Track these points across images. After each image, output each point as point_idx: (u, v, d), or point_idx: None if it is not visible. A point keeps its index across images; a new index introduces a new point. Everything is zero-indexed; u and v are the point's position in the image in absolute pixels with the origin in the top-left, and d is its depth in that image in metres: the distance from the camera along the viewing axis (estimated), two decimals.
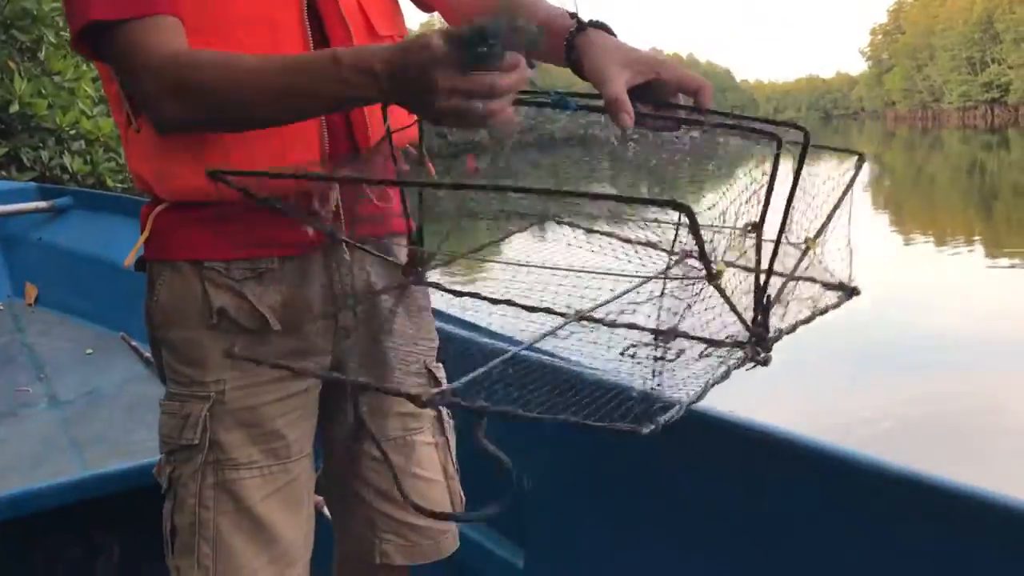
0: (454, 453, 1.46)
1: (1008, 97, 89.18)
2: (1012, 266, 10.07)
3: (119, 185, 7.73)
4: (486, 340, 1.35)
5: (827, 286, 1.00)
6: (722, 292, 0.79)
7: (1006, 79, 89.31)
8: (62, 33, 7.75)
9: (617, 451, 1.65)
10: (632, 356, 0.85)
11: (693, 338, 0.95)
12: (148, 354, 2.90)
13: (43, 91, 7.35)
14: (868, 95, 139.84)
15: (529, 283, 1.18)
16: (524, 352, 1.16)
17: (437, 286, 1.32)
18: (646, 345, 0.95)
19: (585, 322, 1.09)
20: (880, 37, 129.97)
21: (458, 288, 1.33)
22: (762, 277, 0.83)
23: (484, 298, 1.25)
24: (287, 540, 1.27)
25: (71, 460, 2.21)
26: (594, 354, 1.04)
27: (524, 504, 1.80)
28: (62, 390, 2.75)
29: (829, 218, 1.00)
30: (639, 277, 1.09)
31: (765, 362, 0.86)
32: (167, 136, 1.16)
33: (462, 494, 1.48)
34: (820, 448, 1.26)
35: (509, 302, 1.21)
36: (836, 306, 0.99)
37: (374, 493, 1.39)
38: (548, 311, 1.15)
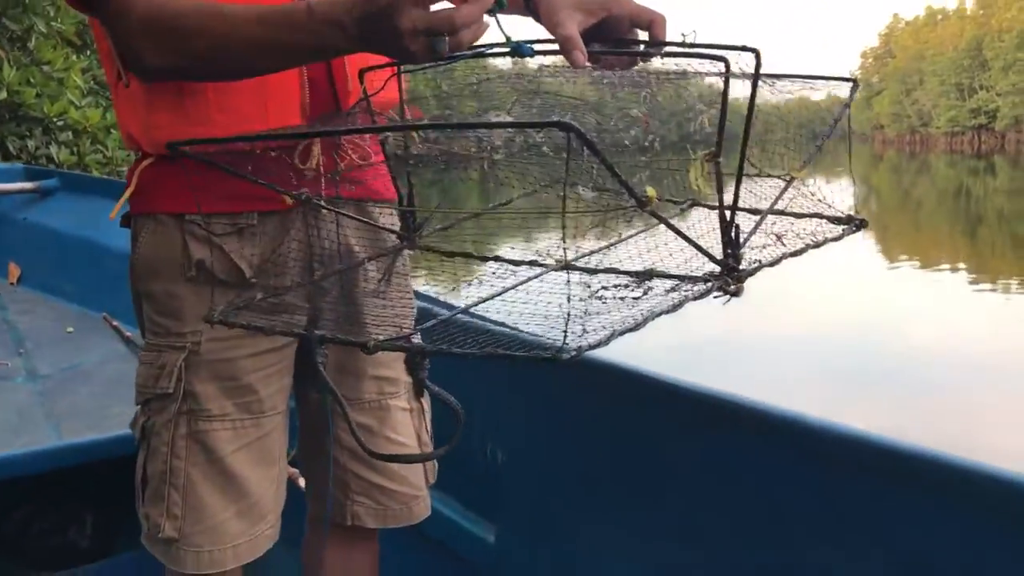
0: (429, 421, 1.47)
1: (995, 124, 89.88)
2: (993, 289, 10.16)
3: (105, 176, 7.70)
4: (445, 311, 1.38)
5: (832, 220, 0.96)
6: (660, 218, 0.78)
7: (994, 106, 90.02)
8: (53, 23, 7.73)
9: (589, 428, 1.67)
10: (600, 298, 0.84)
11: (662, 276, 0.95)
12: (129, 334, 2.90)
13: (32, 80, 7.31)
14: (857, 118, 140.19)
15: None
16: (473, 313, 1.18)
17: (431, 248, 1.34)
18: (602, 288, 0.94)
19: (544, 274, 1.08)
20: (871, 61, 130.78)
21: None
22: (727, 208, 0.82)
23: (474, 256, 1.27)
24: (256, 494, 1.28)
25: (47, 431, 2.21)
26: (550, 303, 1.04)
27: (496, 481, 1.81)
28: (41, 365, 2.74)
29: (819, 148, 0.99)
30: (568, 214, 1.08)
31: (736, 293, 0.84)
32: (153, 89, 1.17)
33: (435, 462, 1.49)
34: (789, 417, 1.28)
35: (497, 258, 1.23)
36: (838, 238, 0.95)
37: (347, 454, 1.40)
38: (534, 263, 1.16)
